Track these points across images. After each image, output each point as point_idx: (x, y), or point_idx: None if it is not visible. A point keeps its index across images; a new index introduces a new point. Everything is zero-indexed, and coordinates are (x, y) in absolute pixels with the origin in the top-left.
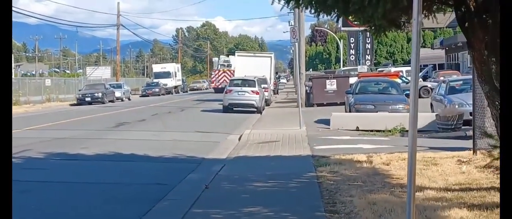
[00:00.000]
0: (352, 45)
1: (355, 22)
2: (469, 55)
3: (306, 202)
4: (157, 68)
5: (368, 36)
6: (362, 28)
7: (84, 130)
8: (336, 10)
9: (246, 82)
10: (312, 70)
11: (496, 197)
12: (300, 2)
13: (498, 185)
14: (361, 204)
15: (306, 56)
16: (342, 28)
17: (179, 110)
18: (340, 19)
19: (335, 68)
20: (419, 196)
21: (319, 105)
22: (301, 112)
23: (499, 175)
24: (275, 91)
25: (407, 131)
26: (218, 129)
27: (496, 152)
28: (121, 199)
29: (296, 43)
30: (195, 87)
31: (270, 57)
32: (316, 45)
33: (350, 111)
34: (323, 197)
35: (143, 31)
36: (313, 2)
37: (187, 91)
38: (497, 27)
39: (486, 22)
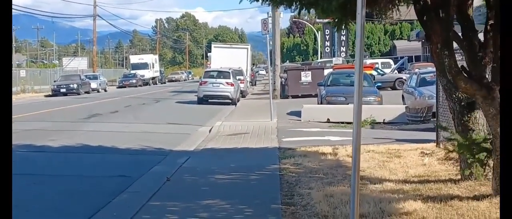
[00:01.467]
0: (327, 37)
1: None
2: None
3: (264, 194)
4: (134, 59)
5: (343, 28)
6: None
7: (55, 121)
8: (296, 2)
9: (221, 74)
10: (289, 62)
11: (451, 189)
12: None
13: (455, 177)
14: (318, 197)
15: (283, 48)
16: (317, 20)
17: (154, 102)
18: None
19: (312, 60)
20: (377, 188)
21: (294, 97)
22: (274, 104)
23: (458, 167)
24: (253, 83)
25: (377, 123)
26: (190, 121)
27: (450, 144)
28: (79, 192)
29: (271, 35)
30: (173, 79)
31: (247, 48)
32: (294, 37)
33: (321, 103)
34: (282, 189)
35: (123, 22)
36: None
37: (165, 83)
38: (449, 21)
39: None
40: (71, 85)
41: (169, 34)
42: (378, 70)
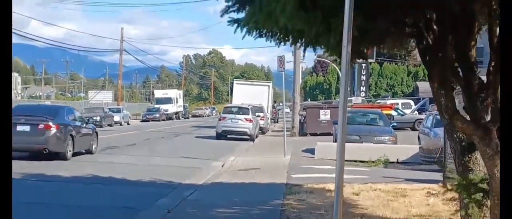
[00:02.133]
0: None
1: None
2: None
3: None
4: (158, 93)
5: (363, 67)
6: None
7: None
8: (301, 40)
9: (240, 110)
10: (311, 100)
11: None
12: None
13: (455, 218)
14: None
15: (306, 86)
16: (339, 59)
17: (173, 136)
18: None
19: (334, 99)
20: None
21: (312, 134)
22: (291, 142)
23: (459, 206)
24: (275, 120)
25: (391, 162)
26: (205, 155)
27: (449, 185)
28: None
29: (284, 72)
30: (197, 114)
31: (268, 86)
32: (317, 76)
33: (336, 141)
34: None
35: (151, 58)
36: (274, 31)
37: (188, 118)
38: (447, 61)
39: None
40: (94, 118)
41: (195, 71)
42: (398, 111)
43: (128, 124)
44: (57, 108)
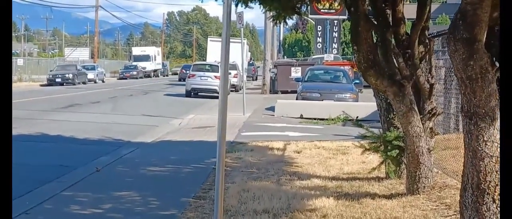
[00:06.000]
0: (319, 33)
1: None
2: None
3: (183, 187)
4: (136, 50)
5: (335, 24)
6: (329, 16)
7: (30, 110)
8: None
9: (210, 67)
10: (288, 58)
11: (372, 187)
12: None
13: (383, 175)
14: (233, 191)
15: (286, 44)
16: (310, 16)
17: (142, 93)
18: (308, 7)
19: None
20: (301, 184)
21: (283, 92)
22: (259, 99)
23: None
24: (253, 78)
25: (350, 120)
26: (166, 113)
27: (366, 142)
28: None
29: (242, 29)
30: (177, 72)
31: (242, 43)
32: (296, 32)
33: (297, 99)
34: (205, 183)
35: (134, 15)
36: None
37: (167, 75)
38: (357, 16)
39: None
40: (67, 75)
41: (180, 28)
42: None
43: (103, 81)
44: None
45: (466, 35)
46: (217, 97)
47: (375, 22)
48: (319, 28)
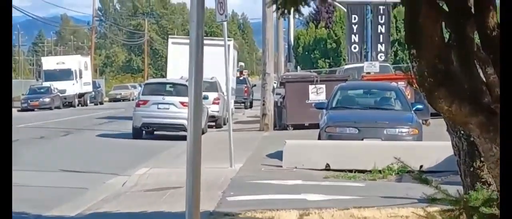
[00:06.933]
0: (354, 27)
1: None
2: None
3: None
4: (49, 63)
5: (381, 12)
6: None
7: None
8: None
9: (172, 88)
10: (302, 69)
11: None
12: None
13: None
14: None
15: (299, 46)
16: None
17: (62, 134)
18: None
19: (344, 65)
20: None
21: (296, 127)
22: (257, 139)
23: None
24: (246, 104)
25: (408, 172)
26: (102, 167)
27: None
28: None
29: (226, 23)
30: (118, 96)
31: (227, 46)
32: (316, 27)
33: (320, 138)
34: None
35: (47, 2)
36: None
37: (102, 103)
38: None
39: None
40: None
41: (122, 23)
42: None
43: None
44: None
45: None
46: (184, 138)
47: (447, 9)
48: (354, 19)
